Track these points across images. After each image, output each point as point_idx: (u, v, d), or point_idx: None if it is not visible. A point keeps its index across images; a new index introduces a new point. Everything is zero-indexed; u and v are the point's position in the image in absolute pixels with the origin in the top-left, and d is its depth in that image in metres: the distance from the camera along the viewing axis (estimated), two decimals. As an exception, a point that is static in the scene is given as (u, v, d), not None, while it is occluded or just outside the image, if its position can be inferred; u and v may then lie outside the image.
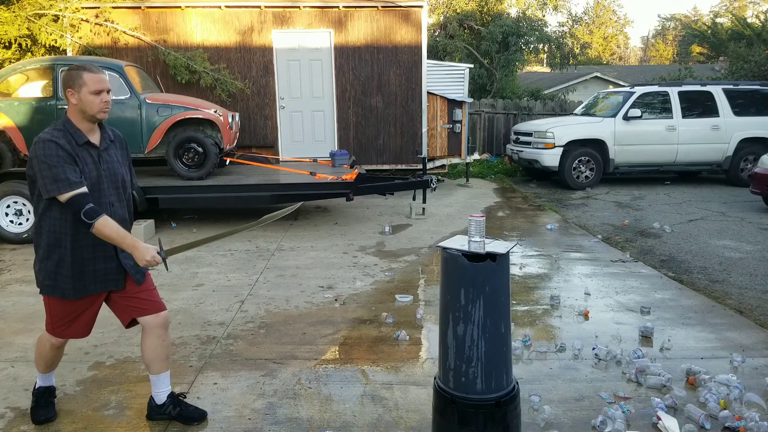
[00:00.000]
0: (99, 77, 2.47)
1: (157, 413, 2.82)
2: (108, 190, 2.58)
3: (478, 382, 2.20)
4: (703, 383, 3.16)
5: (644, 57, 48.42)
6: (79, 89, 2.45)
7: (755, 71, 15.17)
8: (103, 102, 2.48)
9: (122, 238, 2.44)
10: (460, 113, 10.51)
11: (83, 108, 2.47)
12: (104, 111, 2.51)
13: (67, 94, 2.47)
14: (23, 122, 6.87)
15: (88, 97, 2.45)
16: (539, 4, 19.30)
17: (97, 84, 2.46)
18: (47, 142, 2.39)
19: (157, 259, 2.50)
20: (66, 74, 2.50)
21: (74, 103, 2.46)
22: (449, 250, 2.24)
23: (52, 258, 2.53)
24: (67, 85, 2.47)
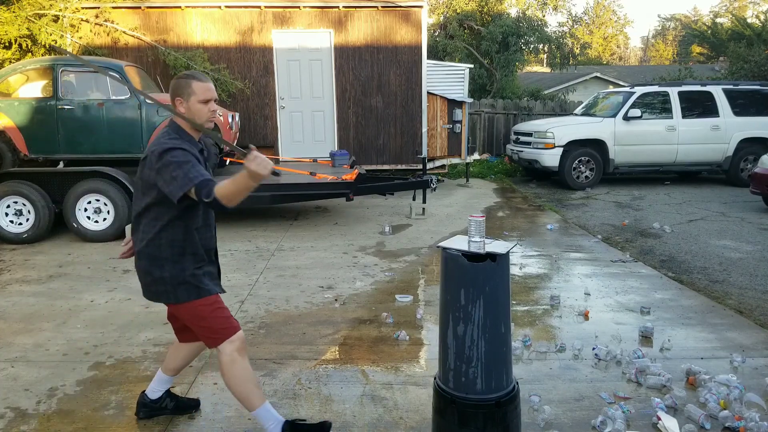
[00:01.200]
0: (208, 86, 2.43)
1: (152, 409, 2.82)
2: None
3: (478, 382, 2.20)
4: (703, 383, 3.16)
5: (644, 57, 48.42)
6: (188, 98, 2.41)
7: (755, 71, 15.16)
8: (211, 111, 2.45)
9: (239, 179, 2.21)
10: (460, 113, 10.51)
11: (192, 117, 2.43)
12: (211, 120, 2.49)
13: (176, 103, 2.43)
14: (23, 122, 6.87)
15: (197, 105, 2.41)
16: (539, 4, 19.30)
17: (206, 93, 2.42)
18: (174, 150, 2.29)
19: (272, 169, 2.25)
20: (175, 82, 2.45)
21: (183, 111, 2.43)
22: (449, 250, 2.24)
23: (184, 264, 2.44)
24: (176, 93, 2.42)
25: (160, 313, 4.31)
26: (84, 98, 6.95)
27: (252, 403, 2.51)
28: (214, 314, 2.47)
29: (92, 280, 5.16)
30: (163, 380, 2.84)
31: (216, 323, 2.47)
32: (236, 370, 2.45)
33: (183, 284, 2.44)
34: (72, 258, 5.90)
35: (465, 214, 8.04)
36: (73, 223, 6.47)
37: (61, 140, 6.97)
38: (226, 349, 2.45)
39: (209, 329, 2.48)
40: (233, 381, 2.48)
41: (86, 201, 6.50)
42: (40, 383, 3.23)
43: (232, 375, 2.46)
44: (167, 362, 2.83)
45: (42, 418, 2.88)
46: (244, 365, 2.48)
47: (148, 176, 2.36)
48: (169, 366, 2.82)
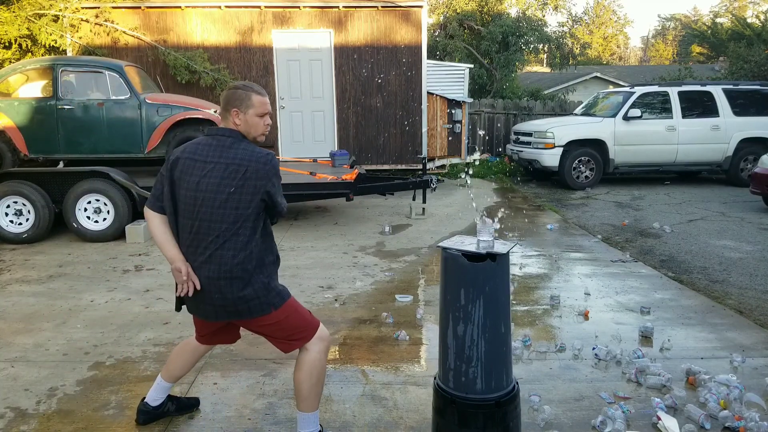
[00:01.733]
0: (265, 101, 2.43)
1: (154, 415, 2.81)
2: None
3: (478, 382, 2.20)
4: (703, 383, 3.16)
5: (644, 57, 48.42)
6: (246, 110, 2.38)
7: (755, 71, 15.17)
8: (266, 125, 2.45)
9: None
10: (460, 113, 10.51)
11: (247, 129, 2.40)
12: (265, 134, 2.48)
13: (231, 113, 2.39)
14: (23, 122, 6.87)
15: (254, 119, 2.40)
16: (539, 4, 19.31)
17: (263, 107, 2.41)
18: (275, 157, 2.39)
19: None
20: (233, 93, 2.40)
21: (238, 123, 2.39)
22: (449, 250, 2.24)
23: (269, 272, 2.44)
24: (234, 104, 2.38)
25: (160, 313, 4.31)
26: (84, 98, 6.95)
27: (314, 405, 2.52)
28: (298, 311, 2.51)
29: (92, 280, 5.16)
30: (164, 388, 2.80)
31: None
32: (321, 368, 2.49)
33: (273, 291, 2.43)
34: (72, 258, 5.90)
35: (465, 214, 8.05)
36: (73, 223, 6.47)
37: (61, 140, 6.97)
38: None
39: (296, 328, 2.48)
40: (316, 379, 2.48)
41: (86, 201, 6.49)
42: (40, 383, 3.23)
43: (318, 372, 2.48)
44: (170, 369, 2.76)
45: (42, 418, 2.88)
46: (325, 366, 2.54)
47: (255, 187, 2.31)
48: (172, 373, 2.77)
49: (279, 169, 2.40)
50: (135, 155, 7.13)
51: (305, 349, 2.47)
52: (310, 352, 2.46)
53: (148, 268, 5.46)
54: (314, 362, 2.46)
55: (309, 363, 2.46)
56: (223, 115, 2.42)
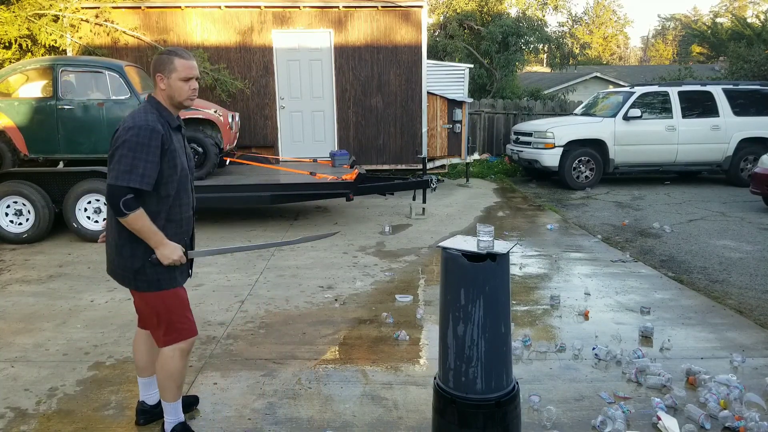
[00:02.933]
0: (191, 64, 2.44)
1: (153, 414, 2.80)
2: (191, 172, 2.59)
3: (478, 382, 2.20)
4: (703, 383, 3.16)
5: (644, 57, 48.42)
6: (168, 75, 2.42)
7: (755, 71, 15.16)
8: (192, 89, 2.47)
9: (152, 233, 2.39)
10: (460, 113, 10.51)
11: (171, 94, 2.44)
12: (192, 99, 2.50)
13: (156, 79, 2.43)
14: (23, 122, 6.87)
15: (178, 83, 2.42)
16: (539, 4, 19.30)
17: (187, 71, 2.43)
18: (142, 128, 2.33)
19: (182, 260, 2.47)
20: (157, 58, 2.45)
21: (162, 88, 2.44)
22: (449, 250, 2.24)
23: (141, 250, 2.43)
24: (157, 69, 2.43)
25: (160, 313, 4.31)
26: (84, 98, 6.95)
27: (170, 396, 2.61)
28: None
29: (92, 280, 5.16)
30: (149, 383, 2.80)
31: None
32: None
33: (136, 270, 2.48)
34: (72, 258, 5.90)
35: (465, 214, 8.04)
36: (73, 223, 6.47)
37: (61, 140, 6.96)
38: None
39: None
40: (167, 374, 2.58)
41: (86, 201, 6.49)
42: (40, 383, 3.23)
43: (169, 369, 2.58)
44: (138, 365, 2.79)
45: (42, 418, 2.88)
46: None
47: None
48: (141, 366, 2.78)
49: (132, 142, 2.30)
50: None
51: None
52: (164, 350, 2.56)
53: (148, 268, 5.45)
54: (165, 359, 2.55)
55: (161, 358, 2.56)
56: (153, 82, 2.46)
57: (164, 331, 2.54)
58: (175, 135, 2.48)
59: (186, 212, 2.56)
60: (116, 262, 2.49)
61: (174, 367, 2.54)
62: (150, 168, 2.33)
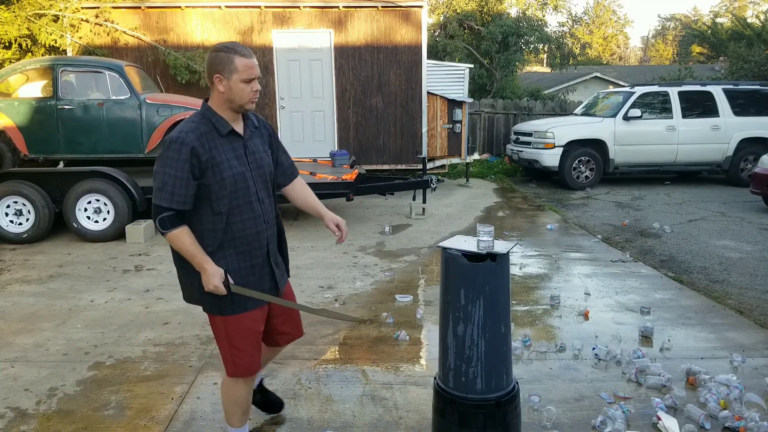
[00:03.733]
0: (252, 62, 2.16)
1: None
2: (257, 185, 2.28)
3: (478, 382, 2.20)
4: (703, 383, 3.16)
5: (644, 57, 48.42)
6: (229, 76, 2.15)
7: (755, 71, 15.16)
8: (254, 91, 2.19)
9: (191, 255, 2.17)
10: (460, 113, 10.51)
11: (231, 97, 2.18)
12: (253, 101, 2.22)
13: (214, 80, 2.17)
14: (23, 122, 6.87)
15: (239, 85, 2.15)
16: (539, 4, 19.30)
17: (249, 71, 2.15)
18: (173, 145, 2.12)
19: (220, 290, 2.17)
20: (214, 56, 2.16)
21: (221, 91, 2.17)
22: (449, 250, 2.24)
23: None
24: (215, 69, 2.15)
25: (160, 313, 4.31)
26: (84, 98, 6.95)
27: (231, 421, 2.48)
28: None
29: (92, 280, 5.16)
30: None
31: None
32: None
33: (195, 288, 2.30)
34: (72, 258, 5.90)
35: (465, 214, 8.04)
36: (73, 223, 6.47)
37: (61, 140, 6.97)
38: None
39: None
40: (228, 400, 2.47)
41: (86, 201, 6.49)
42: (40, 383, 3.23)
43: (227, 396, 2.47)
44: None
45: (42, 418, 2.88)
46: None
47: None
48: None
49: (163, 157, 2.13)
50: (135, 155, 7.13)
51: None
52: (225, 378, 2.42)
53: (148, 268, 5.46)
54: (229, 384, 2.40)
55: (224, 382, 2.43)
56: (209, 83, 2.21)
57: (223, 359, 2.36)
58: (228, 143, 2.22)
59: (252, 228, 2.25)
60: (179, 278, 2.36)
61: (238, 393, 2.39)
62: (179, 185, 2.11)
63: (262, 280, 2.33)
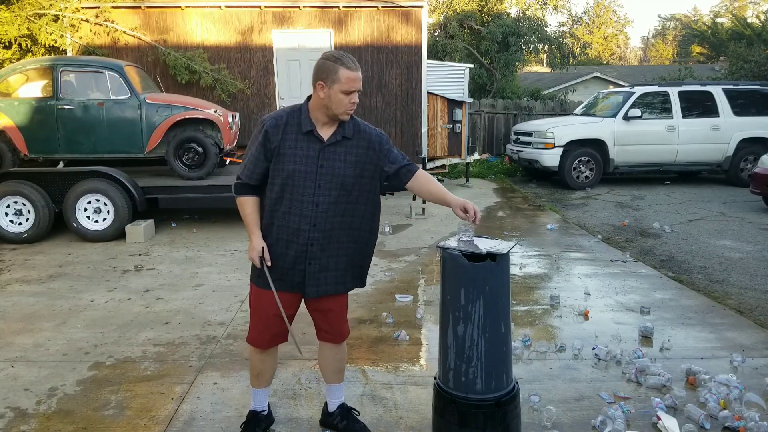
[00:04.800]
0: (356, 76, 2.26)
1: (326, 421, 2.80)
2: (319, 188, 2.32)
3: (478, 382, 2.20)
4: (703, 383, 3.16)
5: (644, 57, 48.41)
6: (331, 85, 2.26)
7: (755, 71, 15.16)
8: (352, 103, 2.29)
9: (246, 223, 2.47)
10: (460, 113, 10.51)
11: (329, 105, 2.29)
12: (349, 112, 2.32)
13: (316, 86, 2.29)
14: (23, 122, 6.87)
15: (339, 96, 2.26)
16: (539, 4, 19.30)
17: (351, 83, 2.25)
18: (259, 122, 2.42)
19: (255, 261, 2.46)
20: (322, 63, 2.28)
21: (321, 97, 2.29)
22: (449, 250, 2.24)
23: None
24: (320, 76, 2.27)
25: (160, 313, 4.31)
26: (84, 98, 6.95)
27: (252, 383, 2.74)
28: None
29: (92, 280, 5.16)
30: (333, 390, 2.79)
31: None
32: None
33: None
34: (72, 258, 5.90)
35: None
36: (73, 223, 6.47)
37: (61, 140, 6.97)
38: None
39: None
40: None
41: (86, 201, 6.49)
42: (40, 383, 3.23)
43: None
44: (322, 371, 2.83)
45: (42, 418, 2.87)
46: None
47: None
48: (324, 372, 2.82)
49: (252, 136, 2.43)
50: (135, 155, 7.13)
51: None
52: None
53: (148, 268, 5.46)
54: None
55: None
56: (312, 85, 2.35)
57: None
58: (305, 142, 2.33)
59: (295, 223, 2.35)
60: None
61: (252, 357, 2.67)
62: (250, 161, 2.39)
63: (292, 272, 2.45)
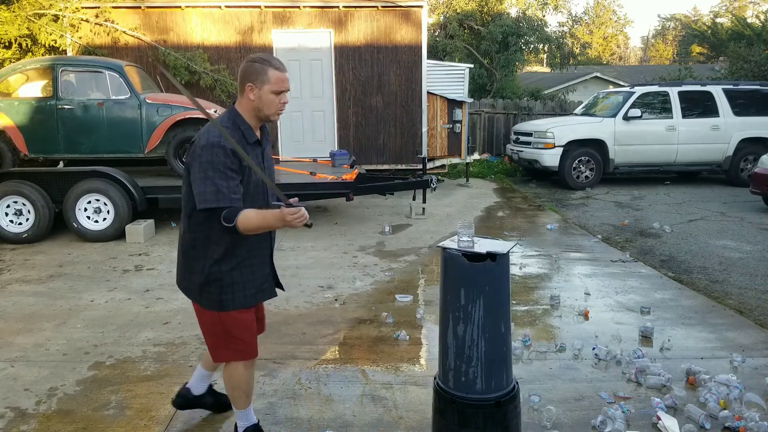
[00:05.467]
0: (284, 76, 2.26)
1: (189, 401, 2.84)
2: (268, 190, 2.37)
3: (477, 382, 2.20)
4: (703, 383, 3.16)
5: (644, 57, 48.40)
6: (260, 86, 2.24)
7: (755, 71, 15.16)
8: (282, 103, 2.29)
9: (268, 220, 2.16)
10: (460, 113, 10.51)
11: (260, 106, 2.27)
12: (280, 113, 2.33)
13: (246, 89, 2.26)
14: (23, 122, 6.87)
15: (269, 96, 2.25)
16: (539, 4, 19.29)
17: (280, 84, 2.25)
18: (216, 149, 2.16)
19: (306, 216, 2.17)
20: (249, 66, 2.26)
21: (251, 99, 2.26)
22: (449, 250, 2.24)
23: (211, 267, 2.31)
24: (248, 78, 2.25)
25: (160, 313, 4.31)
26: (84, 98, 6.95)
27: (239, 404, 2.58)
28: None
29: (92, 280, 5.16)
30: (206, 376, 2.82)
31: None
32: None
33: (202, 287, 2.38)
34: (72, 258, 5.90)
35: (465, 214, 8.04)
36: (73, 223, 6.47)
37: (61, 140, 6.97)
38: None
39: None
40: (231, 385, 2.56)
41: (86, 201, 6.49)
42: (40, 383, 3.23)
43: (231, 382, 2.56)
44: (205, 355, 2.78)
45: (42, 418, 2.88)
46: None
47: (191, 166, 2.24)
48: (207, 359, 2.77)
49: (206, 156, 2.16)
50: (135, 155, 7.13)
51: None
52: (227, 366, 2.51)
53: (148, 268, 5.46)
54: (231, 371, 2.49)
55: (225, 372, 2.52)
56: (240, 90, 2.29)
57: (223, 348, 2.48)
58: (252, 150, 2.32)
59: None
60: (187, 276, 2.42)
61: (238, 377, 2.49)
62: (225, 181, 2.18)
63: (267, 278, 2.48)
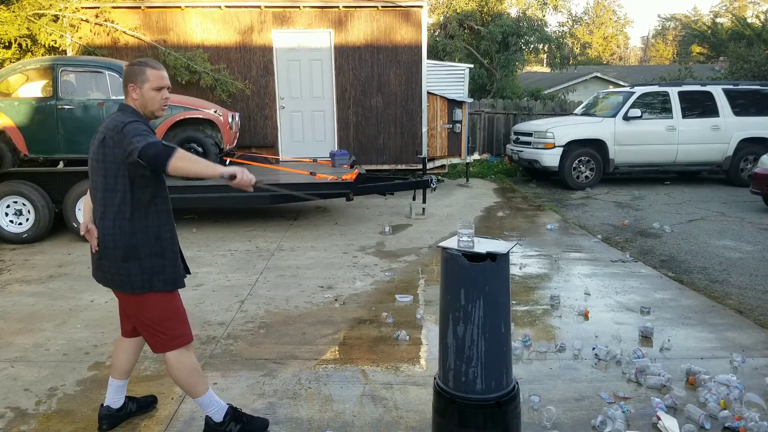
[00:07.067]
0: (161, 74, 2.48)
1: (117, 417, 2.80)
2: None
3: (478, 382, 2.20)
4: (703, 383, 3.16)
5: (644, 57, 48.40)
6: (141, 85, 2.44)
7: (755, 71, 15.16)
8: (163, 99, 2.50)
9: (207, 170, 2.30)
10: (460, 113, 10.51)
11: (144, 104, 2.47)
12: (163, 108, 2.53)
13: (129, 89, 2.46)
14: (23, 122, 6.87)
15: (150, 93, 2.46)
16: (539, 4, 19.29)
17: (159, 81, 2.46)
18: (135, 123, 2.34)
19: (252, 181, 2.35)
20: (129, 69, 2.48)
21: (135, 98, 2.46)
22: (449, 250, 2.24)
23: (142, 251, 2.50)
24: (129, 80, 2.45)
25: (160, 313, 4.31)
26: (84, 98, 6.95)
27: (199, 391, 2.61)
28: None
29: (92, 280, 5.14)
30: (121, 387, 2.80)
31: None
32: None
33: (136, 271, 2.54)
34: (72, 258, 5.90)
35: (465, 214, 8.04)
36: (73, 223, 6.47)
37: (61, 140, 6.96)
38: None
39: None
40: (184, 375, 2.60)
41: (86, 201, 6.48)
42: (40, 383, 3.23)
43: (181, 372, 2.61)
44: (116, 367, 2.76)
45: (42, 418, 2.88)
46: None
47: (114, 155, 2.35)
48: (119, 370, 2.76)
49: (129, 128, 2.30)
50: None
51: (165, 356, 2.54)
52: (169, 359, 2.54)
53: (148, 268, 5.45)
54: (177, 363, 2.54)
55: (173, 365, 2.55)
56: (124, 92, 2.49)
57: (168, 336, 2.55)
58: None
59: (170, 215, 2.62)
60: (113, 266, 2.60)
61: (190, 361, 2.56)
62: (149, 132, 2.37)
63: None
